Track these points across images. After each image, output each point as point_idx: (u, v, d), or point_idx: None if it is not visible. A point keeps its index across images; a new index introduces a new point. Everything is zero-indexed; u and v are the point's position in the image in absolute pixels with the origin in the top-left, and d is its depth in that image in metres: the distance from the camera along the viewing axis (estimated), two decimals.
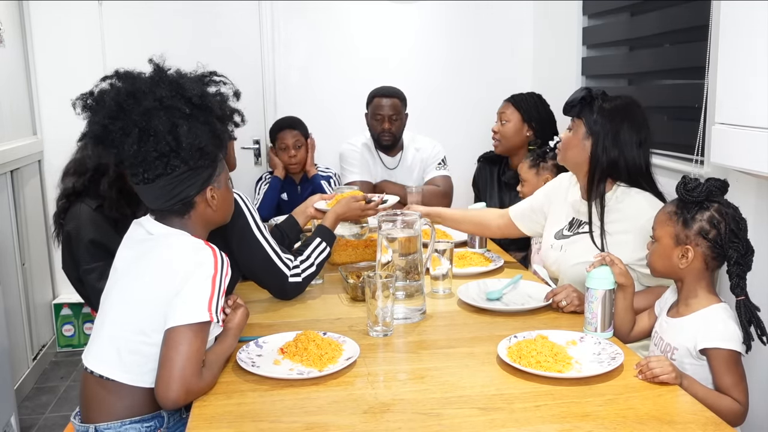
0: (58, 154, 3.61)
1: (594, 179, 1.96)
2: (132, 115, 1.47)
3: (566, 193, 2.16)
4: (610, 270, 1.68)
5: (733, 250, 1.53)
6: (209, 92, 1.56)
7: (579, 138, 1.98)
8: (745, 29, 1.83)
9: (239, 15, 3.74)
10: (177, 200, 1.53)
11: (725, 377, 1.50)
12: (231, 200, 1.69)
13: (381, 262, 1.86)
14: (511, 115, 2.97)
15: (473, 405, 1.38)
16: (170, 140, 1.46)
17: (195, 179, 1.53)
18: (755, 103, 1.79)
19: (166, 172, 1.49)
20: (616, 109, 1.94)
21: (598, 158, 1.94)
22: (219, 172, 1.59)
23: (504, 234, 2.43)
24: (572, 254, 2.03)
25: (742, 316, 1.52)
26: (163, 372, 1.39)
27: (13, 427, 2.69)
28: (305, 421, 1.32)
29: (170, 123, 1.47)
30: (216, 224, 1.66)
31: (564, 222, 2.13)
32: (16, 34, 3.48)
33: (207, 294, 1.44)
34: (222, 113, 1.57)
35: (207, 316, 1.43)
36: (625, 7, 3.08)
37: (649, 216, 1.86)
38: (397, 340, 1.73)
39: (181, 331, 1.40)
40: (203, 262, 1.47)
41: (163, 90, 1.49)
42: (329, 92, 3.84)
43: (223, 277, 1.48)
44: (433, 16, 3.88)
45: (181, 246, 1.51)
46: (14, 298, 3.24)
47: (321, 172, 3.31)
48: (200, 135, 1.49)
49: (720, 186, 1.57)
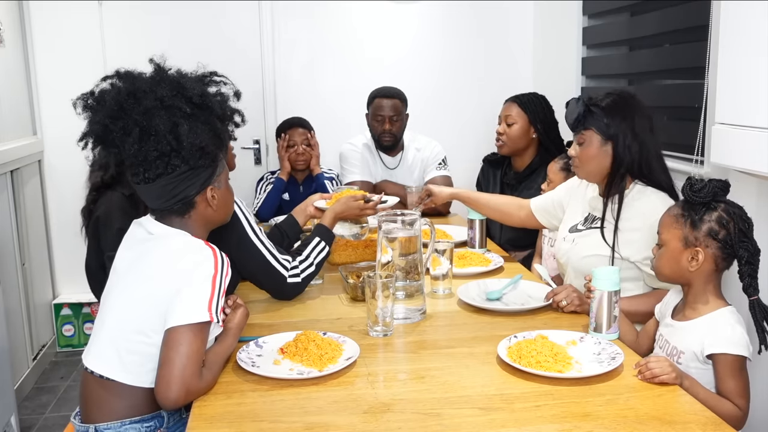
0: (58, 154, 3.65)
1: (615, 179, 1.95)
2: (133, 115, 1.47)
3: (585, 191, 2.16)
4: (616, 271, 1.67)
5: (743, 249, 1.52)
6: (210, 92, 1.56)
7: (596, 147, 1.95)
8: (745, 29, 1.83)
9: (239, 15, 3.74)
10: (177, 200, 1.53)
11: (729, 382, 1.49)
12: (231, 200, 1.69)
13: (381, 262, 1.86)
14: (517, 116, 2.95)
15: (473, 405, 1.38)
16: (171, 140, 1.46)
17: (195, 179, 1.53)
18: (755, 103, 1.79)
19: (166, 172, 1.49)
20: (618, 105, 1.94)
21: (622, 159, 1.93)
22: (219, 172, 1.59)
23: (524, 224, 2.44)
24: (583, 246, 2.03)
25: (757, 315, 1.51)
26: (163, 372, 1.39)
27: (13, 427, 2.69)
28: (305, 421, 1.32)
29: (171, 122, 1.47)
30: (216, 224, 1.66)
31: (580, 217, 2.13)
32: (16, 34, 3.48)
33: (207, 294, 1.44)
34: (222, 113, 1.57)
35: (207, 316, 1.43)
36: (625, 7, 3.08)
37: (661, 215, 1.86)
38: (397, 340, 1.73)
39: (181, 332, 1.40)
40: (203, 262, 1.47)
41: (163, 90, 1.49)
42: (329, 92, 3.83)
43: (223, 277, 1.48)
44: (434, 16, 3.88)
45: (181, 246, 1.52)
46: (14, 298, 3.24)
47: (324, 172, 3.31)
48: (201, 134, 1.49)
49: (722, 186, 1.56)
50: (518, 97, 3.02)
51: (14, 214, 3.29)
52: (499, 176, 3.14)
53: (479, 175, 3.30)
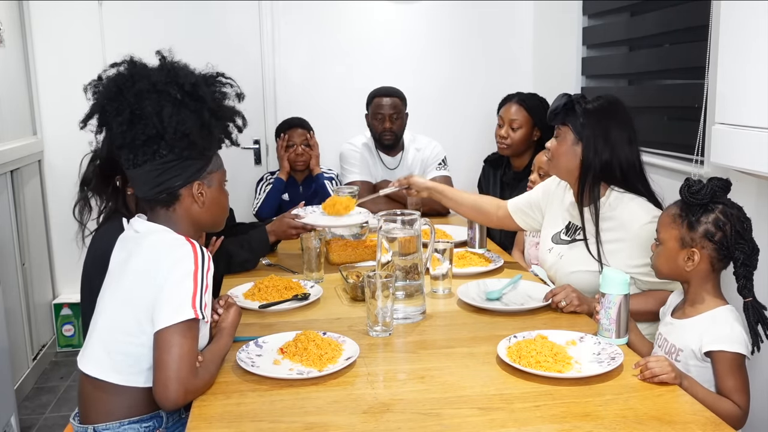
0: (58, 154, 3.65)
1: (586, 184, 1.94)
2: (127, 97, 1.48)
3: (563, 195, 2.15)
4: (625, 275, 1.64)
5: (739, 251, 1.52)
6: (204, 83, 1.54)
7: (568, 144, 1.96)
8: (745, 29, 1.83)
9: (239, 15, 3.74)
10: (163, 188, 1.51)
11: (728, 380, 1.49)
12: (224, 204, 1.64)
13: (381, 262, 1.86)
14: (524, 121, 2.96)
15: (473, 405, 1.38)
16: (156, 122, 1.46)
17: (182, 170, 1.51)
18: (755, 103, 1.79)
19: (153, 158, 1.49)
20: (600, 109, 1.93)
21: (590, 162, 1.92)
22: (211, 170, 1.57)
23: (502, 225, 2.41)
24: (569, 262, 2.03)
25: (750, 318, 1.51)
26: (159, 375, 1.38)
27: (13, 427, 2.69)
28: (305, 421, 1.32)
29: (159, 106, 1.47)
30: (205, 225, 1.63)
31: (561, 225, 2.13)
32: (16, 34, 3.48)
33: (189, 291, 1.42)
34: (217, 108, 1.55)
35: (192, 313, 1.41)
36: (625, 7, 3.08)
37: (643, 222, 1.86)
38: (397, 340, 1.73)
39: (169, 333, 1.39)
40: (182, 259, 1.45)
41: (159, 75, 1.50)
42: (329, 92, 3.83)
43: (205, 273, 1.46)
44: (433, 16, 3.88)
45: (160, 243, 1.50)
46: (14, 298, 3.24)
47: (324, 172, 3.31)
48: (186, 121, 1.48)
49: (723, 186, 1.56)
50: (524, 100, 3.01)
51: (14, 214, 3.29)
52: (498, 176, 3.15)
53: (480, 176, 3.32)
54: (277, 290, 2.02)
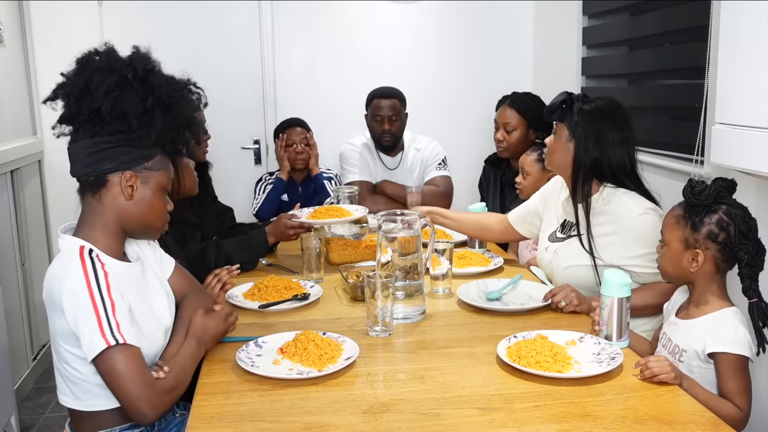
0: (58, 154, 3.62)
1: (578, 180, 1.98)
2: (85, 74, 1.48)
3: (559, 194, 2.19)
4: (626, 277, 1.64)
5: (743, 252, 1.51)
6: (157, 70, 1.52)
7: (562, 141, 2.00)
8: (745, 29, 1.83)
9: (239, 15, 3.74)
10: (92, 169, 1.46)
11: (730, 382, 1.49)
12: (157, 209, 1.53)
13: (381, 262, 1.86)
14: (517, 123, 2.98)
15: (473, 405, 1.38)
16: (99, 95, 1.43)
17: (115, 155, 1.46)
18: (755, 103, 1.79)
19: (91, 137, 1.46)
20: (596, 109, 1.97)
21: (581, 159, 1.96)
22: (149, 167, 1.50)
23: (505, 238, 2.47)
24: (564, 257, 2.05)
25: (756, 318, 1.51)
26: (121, 400, 1.38)
27: (13, 427, 2.68)
28: (304, 421, 1.32)
29: (107, 81, 1.45)
30: (134, 226, 1.52)
31: (556, 224, 2.16)
32: (16, 34, 3.48)
33: (93, 321, 1.35)
34: (166, 100, 1.49)
35: (104, 344, 1.35)
36: (625, 7, 3.08)
37: (636, 213, 1.89)
38: (397, 340, 1.73)
39: (102, 362, 1.36)
40: (73, 289, 1.38)
41: (118, 56, 1.50)
42: (329, 92, 3.83)
43: (103, 292, 1.38)
44: (434, 16, 3.88)
45: (54, 272, 1.43)
46: (14, 298, 3.24)
47: (323, 172, 3.31)
48: (126, 101, 1.44)
49: (728, 186, 1.55)
50: (514, 101, 3.02)
51: (14, 214, 3.29)
52: (498, 176, 3.16)
53: (481, 176, 3.32)
54: (277, 290, 2.02)
